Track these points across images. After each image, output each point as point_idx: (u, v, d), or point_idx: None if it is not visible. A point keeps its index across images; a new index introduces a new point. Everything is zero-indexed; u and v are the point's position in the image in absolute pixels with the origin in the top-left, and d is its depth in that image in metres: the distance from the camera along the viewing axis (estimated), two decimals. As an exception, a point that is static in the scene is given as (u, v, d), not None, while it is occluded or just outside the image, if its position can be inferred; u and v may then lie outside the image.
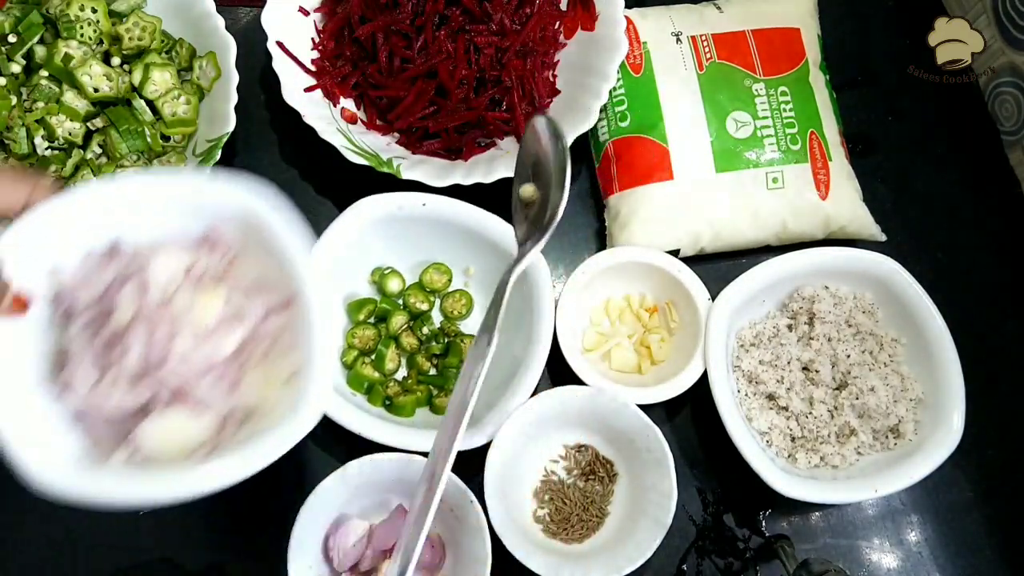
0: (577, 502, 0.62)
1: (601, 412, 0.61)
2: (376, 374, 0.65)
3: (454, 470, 0.56)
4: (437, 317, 0.68)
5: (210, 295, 0.47)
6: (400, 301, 0.67)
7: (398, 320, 0.66)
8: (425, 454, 0.56)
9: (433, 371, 0.66)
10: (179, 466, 0.44)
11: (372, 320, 0.67)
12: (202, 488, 0.43)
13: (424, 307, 0.67)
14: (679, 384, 0.62)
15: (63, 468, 0.43)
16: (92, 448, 0.46)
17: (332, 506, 0.58)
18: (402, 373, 0.66)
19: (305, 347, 0.47)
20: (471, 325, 0.68)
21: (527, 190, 0.52)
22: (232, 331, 0.47)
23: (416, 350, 0.66)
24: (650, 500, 0.59)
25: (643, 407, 0.60)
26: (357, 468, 0.56)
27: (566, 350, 0.62)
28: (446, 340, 0.67)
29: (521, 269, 0.51)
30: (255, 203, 0.49)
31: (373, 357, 0.65)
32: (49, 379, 0.47)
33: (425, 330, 0.66)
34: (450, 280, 0.68)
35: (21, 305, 0.45)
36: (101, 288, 0.47)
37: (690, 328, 0.65)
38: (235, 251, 0.50)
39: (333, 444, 0.63)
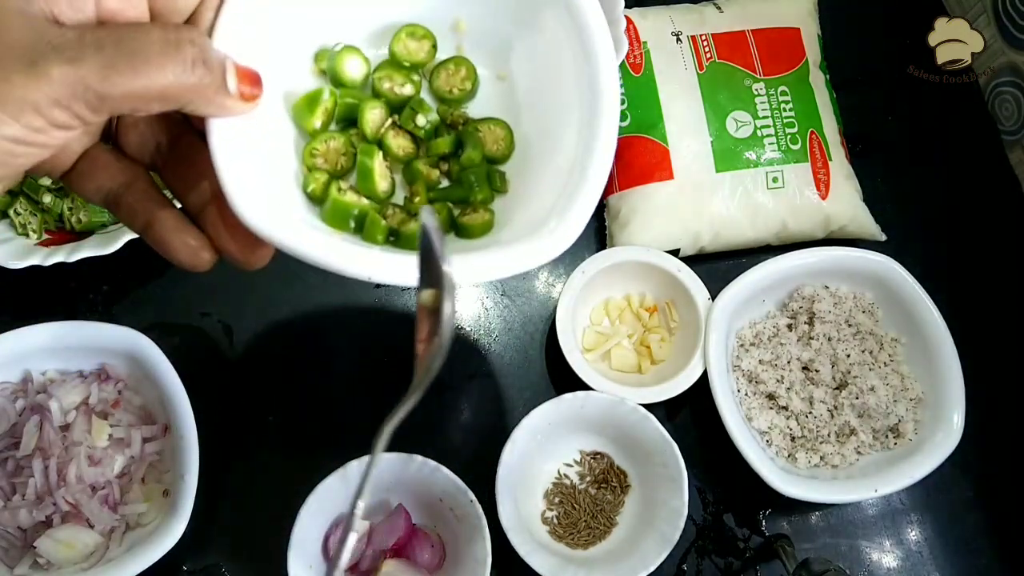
0: (587, 508, 0.62)
1: (621, 421, 0.61)
2: (364, 200, 0.42)
3: (454, 470, 0.57)
4: (432, 105, 0.45)
5: (101, 424, 0.58)
6: (369, 89, 0.44)
7: (374, 116, 0.43)
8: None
9: (445, 180, 0.44)
10: (74, 571, 0.55)
11: (335, 124, 0.43)
12: None
13: (407, 90, 0.44)
14: (679, 384, 0.62)
15: None
16: (3, 556, 0.56)
17: (332, 506, 0.58)
18: (402, 193, 0.44)
19: (178, 469, 0.56)
20: (481, 105, 0.45)
21: (426, 296, 0.35)
22: (118, 455, 0.58)
23: (413, 155, 0.44)
24: (659, 515, 0.59)
25: (643, 406, 0.60)
26: (357, 468, 0.56)
27: (566, 350, 0.62)
28: (453, 132, 0.44)
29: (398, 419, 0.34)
30: (143, 344, 0.58)
31: (354, 177, 0.43)
32: None
33: (421, 121, 0.43)
34: (435, 46, 0.45)
35: None
36: (12, 419, 0.58)
37: (690, 328, 0.65)
38: (123, 383, 0.61)
39: (333, 444, 0.63)
